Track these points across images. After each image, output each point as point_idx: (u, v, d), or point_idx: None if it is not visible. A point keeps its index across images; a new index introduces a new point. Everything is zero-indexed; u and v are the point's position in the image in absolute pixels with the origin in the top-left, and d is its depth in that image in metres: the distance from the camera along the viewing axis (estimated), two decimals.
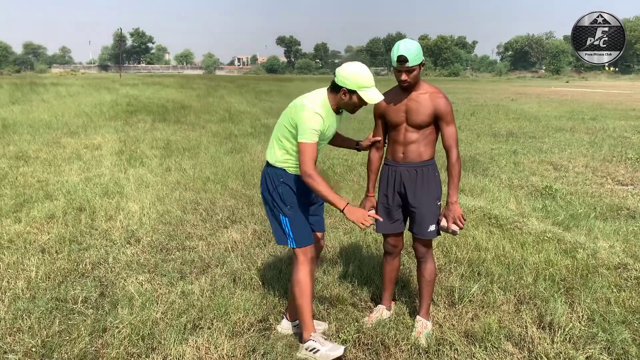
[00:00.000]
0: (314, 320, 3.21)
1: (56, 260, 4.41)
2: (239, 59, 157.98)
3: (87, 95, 24.65)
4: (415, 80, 3.10)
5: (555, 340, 3.22)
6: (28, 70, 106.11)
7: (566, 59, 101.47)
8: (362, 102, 2.94)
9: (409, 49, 2.97)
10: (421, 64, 3.05)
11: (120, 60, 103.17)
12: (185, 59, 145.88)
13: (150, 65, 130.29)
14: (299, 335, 3.23)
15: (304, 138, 2.84)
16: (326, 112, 2.93)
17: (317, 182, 2.83)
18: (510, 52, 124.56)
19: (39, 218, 5.49)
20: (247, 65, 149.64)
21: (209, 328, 3.34)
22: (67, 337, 3.19)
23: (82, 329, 3.28)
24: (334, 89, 2.91)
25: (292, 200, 3.04)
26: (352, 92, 2.88)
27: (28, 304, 3.59)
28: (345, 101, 2.93)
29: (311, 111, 2.83)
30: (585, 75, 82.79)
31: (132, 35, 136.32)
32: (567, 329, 3.32)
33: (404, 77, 3.06)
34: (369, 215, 2.86)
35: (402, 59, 2.97)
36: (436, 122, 3.17)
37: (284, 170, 3.03)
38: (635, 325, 3.42)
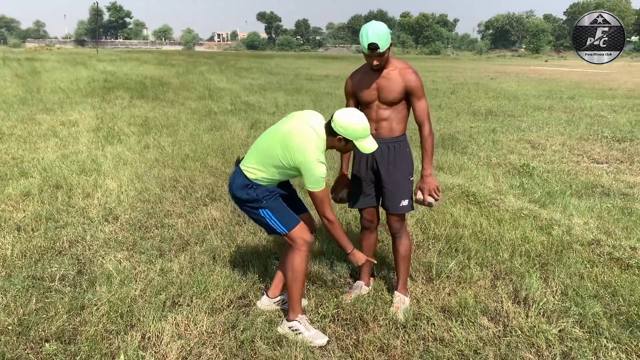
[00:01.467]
0: None
1: (32, 238, 4.36)
2: (218, 35, 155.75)
3: (63, 71, 24.08)
4: (386, 62, 3.14)
5: (529, 314, 3.30)
6: (1, 45, 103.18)
7: (546, 38, 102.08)
8: (355, 148, 2.96)
9: (379, 35, 2.96)
10: (390, 45, 3.05)
11: (97, 35, 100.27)
12: (163, 34, 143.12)
13: (127, 41, 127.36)
14: (284, 312, 3.27)
15: (317, 187, 2.89)
16: (324, 153, 2.95)
17: (335, 228, 3.02)
18: (490, 31, 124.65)
19: (14, 195, 5.40)
20: (226, 41, 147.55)
21: (188, 305, 3.35)
22: (45, 315, 3.17)
23: (60, 306, 3.26)
24: (331, 133, 2.90)
25: (266, 194, 3.04)
26: (348, 141, 2.90)
27: (4, 282, 3.55)
28: (340, 146, 2.96)
29: (316, 162, 2.84)
30: (564, 55, 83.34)
31: (109, 9, 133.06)
32: (541, 304, 3.40)
33: (375, 62, 3.09)
34: (364, 258, 3.20)
35: (373, 47, 2.97)
36: (407, 97, 3.19)
37: (259, 183, 3.04)
38: (607, 299, 3.51)
